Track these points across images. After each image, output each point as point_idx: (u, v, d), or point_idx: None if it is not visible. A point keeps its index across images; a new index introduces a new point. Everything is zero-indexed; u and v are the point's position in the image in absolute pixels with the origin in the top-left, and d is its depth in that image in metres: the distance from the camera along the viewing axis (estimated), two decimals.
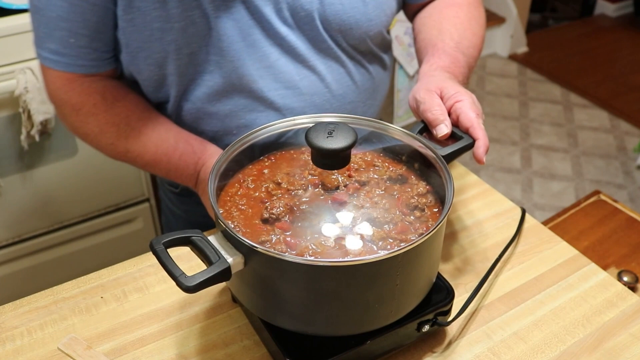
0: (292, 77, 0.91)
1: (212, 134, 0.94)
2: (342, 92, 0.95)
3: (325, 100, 0.94)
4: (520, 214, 0.96)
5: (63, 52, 0.85)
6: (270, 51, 0.89)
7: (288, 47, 0.89)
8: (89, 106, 0.89)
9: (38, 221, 1.67)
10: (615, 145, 3.04)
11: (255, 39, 0.87)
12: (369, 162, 0.77)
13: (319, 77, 0.93)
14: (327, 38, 0.90)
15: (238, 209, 0.69)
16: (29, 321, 0.79)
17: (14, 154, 1.54)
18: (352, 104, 0.97)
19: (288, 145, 0.79)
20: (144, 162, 0.92)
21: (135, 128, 0.90)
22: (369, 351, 0.70)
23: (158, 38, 0.83)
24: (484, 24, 1.02)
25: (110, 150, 0.92)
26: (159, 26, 0.83)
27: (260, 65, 0.89)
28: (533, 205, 2.64)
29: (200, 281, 0.58)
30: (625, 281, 1.06)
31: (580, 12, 4.30)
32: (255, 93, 0.90)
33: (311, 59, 0.91)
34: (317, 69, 0.92)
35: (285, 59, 0.90)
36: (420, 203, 0.70)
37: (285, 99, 0.91)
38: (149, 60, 0.86)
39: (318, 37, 0.90)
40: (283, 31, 0.88)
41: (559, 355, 0.76)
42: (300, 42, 0.90)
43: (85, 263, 1.77)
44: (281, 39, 0.88)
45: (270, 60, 0.89)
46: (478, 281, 0.83)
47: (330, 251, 0.63)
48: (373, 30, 0.93)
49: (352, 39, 0.92)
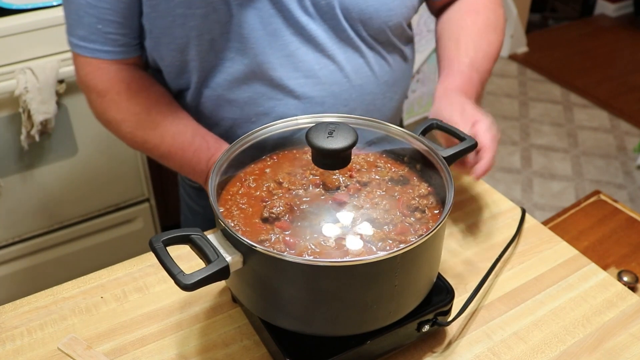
0: (312, 66, 0.92)
1: (231, 121, 0.96)
2: (361, 82, 0.96)
3: (344, 90, 0.95)
4: (520, 214, 0.96)
5: (91, 38, 0.89)
6: (290, 40, 0.90)
7: (308, 36, 0.90)
8: (112, 93, 0.92)
9: (38, 221, 1.67)
10: (615, 145, 3.04)
11: (276, 28, 0.89)
12: (371, 163, 0.77)
13: (338, 66, 0.94)
14: (347, 27, 0.92)
15: (239, 207, 0.69)
16: (29, 321, 0.79)
17: (14, 154, 1.54)
18: (371, 95, 0.98)
19: (291, 145, 0.79)
20: (159, 154, 0.94)
21: (155, 120, 0.93)
22: (369, 351, 0.70)
23: (180, 24, 0.86)
24: (503, 25, 1.04)
25: (129, 138, 0.95)
26: (182, 12, 0.85)
27: (281, 54, 0.90)
28: (533, 205, 2.64)
29: (198, 279, 0.59)
30: (625, 281, 1.06)
31: (580, 12, 4.30)
32: (274, 81, 0.92)
33: (331, 49, 0.92)
34: (336, 59, 0.93)
35: (305, 48, 0.91)
36: (421, 204, 0.70)
37: (304, 87, 0.93)
38: (171, 46, 0.88)
39: (338, 27, 0.91)
40: (303, 20, 0.89)
41: (559, 355, 0.76)
42: (321, 32, 0.91)
43: (85, 263, 1.77)
44: (301, 28, 0.90)
45: (290, 49, 0.90)
46: (478, 281, 0.83)
47: (330, 251, 0.63)
48: (393, 21, 0.94)
49: (372, 29, 0.93)
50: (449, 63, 0.97)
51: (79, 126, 1.60)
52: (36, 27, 1.44)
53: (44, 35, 1.45)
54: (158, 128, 0.92)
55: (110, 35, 0.89)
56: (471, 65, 0.95)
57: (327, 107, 0.95)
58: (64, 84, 1.50)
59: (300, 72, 0.92)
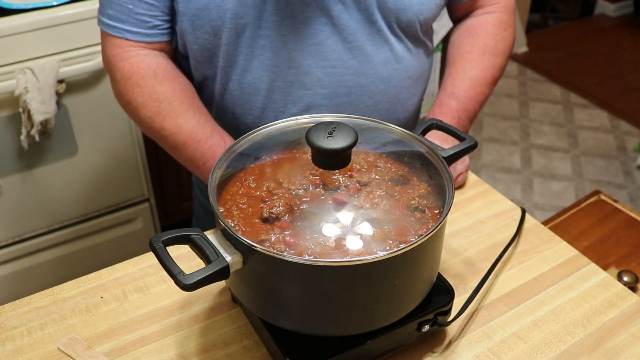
0: (340, 56, 0.93)
1: (258, 110, 0.97)
2: (388, 75, 0.98)
3: (370, 82, 0.96)
4: (520, 214, 0.96)
5: (121, 18, 0.90)
6: (321, 29, 0.91)
7: (339, 26, 0.92)
8: (137, 77, 0.93)
9: (38, 221, 1.67)
10: (615, 145, 3.04)
11: (308, 16, 0.90)
12: (371, 163, 0.77)
13: (366, 57, 0.95)
14: (379, 18, 0.93)
15: (239, 207, 0.69)
16: (29, 321, 0.79)
17: (14, 154, 1.54)
18: (396, 89, 1.00)
19: (291, 145, 0.79)
20: (173, 143, 0.94)
21: (177, 110, 0.93)
22: (369, 351, 0.70)
23: (216, 6, 0.88)
24: (505, 48, 1.08)
25: (146, 123, 0.95)
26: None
27: (310, 42, 0.91)
28: (533, 205, 2.64)
29: (198, 279, 0.58)
30: (625, 281, 1.06)
31: (580, 12, 4.30)
32: (302, 69, 0.93)
33: (360, 39, 0.93)
34: (365, 50, 0.94)
35: (335, 37, 0.92)
36: (421, 204, 0.70)
37: (332, 77, 0.94)
38: (205, 28, 0.90)
39: (371, 18, 0.93)
40: (337, 9, 0.91)
41: (559, 355, 0.76)
42: (353, 22, 0.92)
43: (85, 263, 1.77)
44: (334, 17, 0.91)
45: (320, 37, 0.92)
46: (478, 281, 0.83)
47: (329, 251, 0.63)
48: (424, 15, 0.96)
49: (404, 21, 0.95)
50: (439, 101, 1.04)
51: (79, 126, 1.60)
52: (36, 27, 1.44)
53: (44, 35, 1.45)
54: (178, 118, 0.93)
55: (141, 16, 0.90)
56: (452, 95, 1.03)
57: (354, 98, 0.97)
58: (64, 84, 1.50)
59: (328, 62, 0.93)
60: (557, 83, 3.51)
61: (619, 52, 3.84)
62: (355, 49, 0.94)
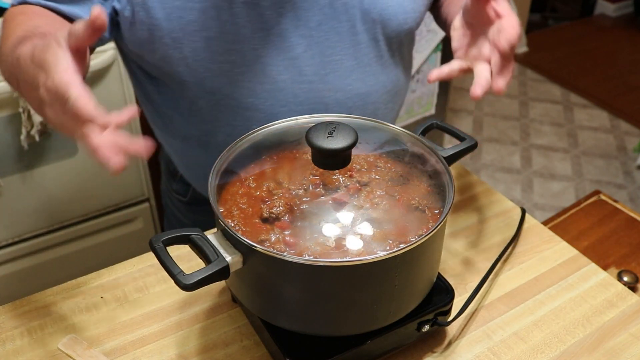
0: (318, 70, 0.88)
1: (229, 128, 0.91)
2: (366, 90, 0.93)
3: (348, 98, 0.92)
4: (520, 214, 0.96)
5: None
6: (297, 42, 0.85)
7: (317, 38, 0.86)
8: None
9: (38, 221, 1.67)
10: (615, 145, 3.04)
11: (284, 28, 0.84)
12: (371, 163, 0.77)
13: (345, 72, 0.90)
14: (362, 30, 0.88)
15: (239, 207, 0.69)
16: (29, 321, 0.79)
17: (14, 154, 1.54)
18: (374, 105, 0.96)
19: (291, 145, 0.79)
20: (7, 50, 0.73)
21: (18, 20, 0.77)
22: (369, 351, 0.70)
23: (177, 17, 0.81)
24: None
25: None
26: (180, 4, 0.80)
27: (285, 57, 0.86)
28: (533, 205, 2.64)
29: (198, 279, 0.59)
30: (625, 281, 1.06)
31: (580, 12, 4.30)
32: (277, 85, 0.87)
33: (339, 53, 0.89)
34: (344, 64, 0.90)
35: (312, 51, 0.87)
36: (421, 204, 0.70)
37: (308, 93, 0.89)
38: (165, 40, 0.82)
39: (352, 29, 0.88)
40: (316, 21, 0.85)
41: (559, 355, 0.76)
42: (333, 34, 0.87)
43: (85, 263, 1.77)
44: (312, 29, 0.85)
45: (297, 51, 0.86)
46: (478, 281, 0.83)
47: (330, 251, 0.63)
48: (409, 24, 0.92)
49: (388, 32, 0.91)
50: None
51: None
52: None
53: None
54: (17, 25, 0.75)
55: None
56: None
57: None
58: None
59: (305, 77, 0.88)
60: (557, 83, 3.51)
61: (619, 52, 3.84)
62: (334, 63, 0.88)
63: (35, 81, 0.61)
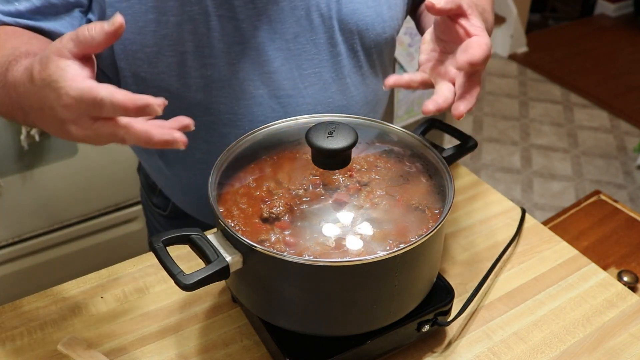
0: (296, 84, 0.86)
1: (205, 145, 0.87)
2: (345, 103, 0.91)
3: (328, 110, 0.89)
4: (520, 214, 0.96)
5: None
6: (275, 56, 0.83)
7: (295, 51, 0.84)
8: None
9: (38, 221, 1.67)
10: (615, 145, 3.04)
11: (260, 42, 0.81)
12: (371, 163, 0.77)
13: (323, 85, 0.88)
14: (340, 41, 0.86)
15: (238, 207, 0.69)
16: (29, 321, 0.79)
17: (14, 154, 1.54)
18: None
19: (291, 145, 0.79)
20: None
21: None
22: (369, 351, 0.70)
23: (151, 31, 0.77)
24: None
25: None
26: (154, 18, 0.77)
27: (262, 71, 0.83)
28: (533, 205, 2.64)
29: (198, 279, 0.59)
30: (625, 281, 1.06)
31: (580, 12, 4.30)
32: (255, 100, 0.85)
33: (318, 65, 0.86)
34: (322, 77, 0.87)
35: (289, 64, 0.84)
36: (421, 204, 0.70)
37: (287, 107, 0.87)
38: (139, 54, 0.79)
39: (330, 41, 0.85)
40: (292, 32, 0.82)
41: (559, 355, 0.76)
42: (310, 47, 0.84)
43: (85, 263, 1.77)
44: (288, 41, 0.83)
45: (274, 65, 0.83)
46: (478, 281, 0.83)
47: (330, 251, 0.63)
48: (387, 32, 0.90)
49: (367, 41, 0.88)
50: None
51: None
52: None
53: None
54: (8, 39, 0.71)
55: None
56: None
57: None
58: None
59: (284, 91, 0.85)
60: (557, 83, 3.51)
61: (619, 52, 3.84)
62: (312, 75, 0.86)
63: (46, 103, 0.55)
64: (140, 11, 0.76)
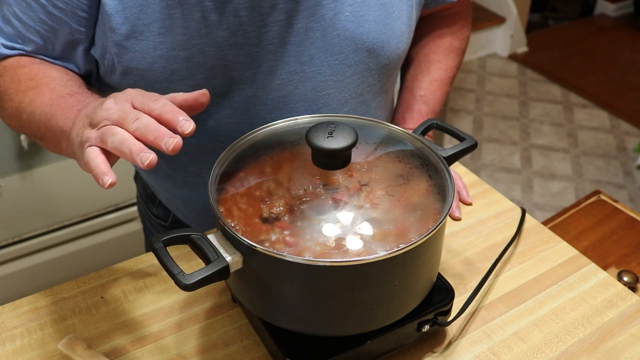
0: (309, 106, 0.85)
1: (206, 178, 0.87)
2: None
3: None
4: (520, 214, 0.96)
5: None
6: (289, 79, 0.82)
7: (309, 74, 0.83)
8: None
9: (38, 221, 1.67)
10: (615, 145, 3.04)
11: (273, 65, 0.80)
12: (371, 163, 0.77)
13: (337, 105, 0.87)
14: (355, 62, 0.85)
15: (239, 207, 0.69)
16: (29, 321, 0.79)
17: (14, 154, 1.54)
18: None
19: (291, 145, 0.79)
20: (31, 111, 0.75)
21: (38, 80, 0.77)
22: (369, 351, 0.70)
23: (161, 67, 0.77)
24: (465, 46, 1.06)
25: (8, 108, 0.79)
26: (162, 54, 0.77)
27: (276, 95, 0.83)
28: (533, 205, 2.64)
29: (198, 279, 0.58)
30: (625, 281, 1.06)
31: (580, 12, 4.30)
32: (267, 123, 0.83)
33: (332, 87, 0.85)
34: (336, 97, 0.87)
35: (304, 86, 0.84)
36: (421, 204, 0.70)
37: None
38: (149, 90, 0.76)
39: (345, 61, 0.84)
40: (308, 55, 0.81)
41: (559, 355, 0.76)
42: (325, 68, 0.83)
43: (85, 263, 1.77)
44: (303, 63, 0.82)
45: (288, 89, 0.83)
46: (478, 281, 0.83)
47: (330, 251, 0.63)
48: (401, 48, 0.89)
49: (383, 58, 0.87)
50: (407, 106, 1.00)
51: None
52: None
53: None
54: (39, 87, 0.76)
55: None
56: (422, 99, 0.99)
57: None
58: None
59: (296, 114, 0.83)
60: (557, 83, 3.51)
61: (619, 52, 3.84)
62: (325, 97, 0.85)
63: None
64: (147, 48, 0.76)
